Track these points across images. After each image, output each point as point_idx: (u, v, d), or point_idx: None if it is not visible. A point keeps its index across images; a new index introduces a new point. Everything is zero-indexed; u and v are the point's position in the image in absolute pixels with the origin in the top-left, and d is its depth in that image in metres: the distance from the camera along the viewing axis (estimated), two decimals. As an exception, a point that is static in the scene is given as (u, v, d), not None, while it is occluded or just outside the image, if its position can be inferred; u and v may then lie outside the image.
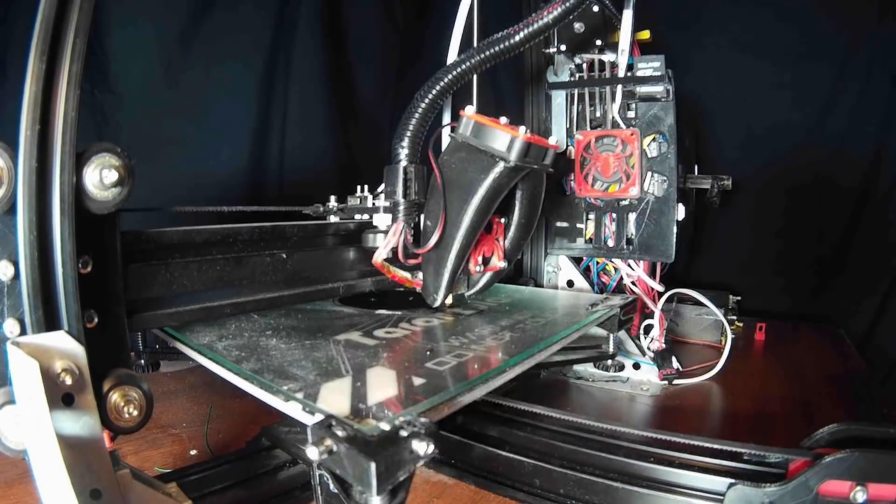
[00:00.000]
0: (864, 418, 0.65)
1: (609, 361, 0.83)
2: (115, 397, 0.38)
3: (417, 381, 0.41)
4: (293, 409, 0.37)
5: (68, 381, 0.33)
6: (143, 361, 0.62)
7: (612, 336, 0.75)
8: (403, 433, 0.31)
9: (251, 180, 1.13)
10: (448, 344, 0.52)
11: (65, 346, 0.35)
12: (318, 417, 0.34)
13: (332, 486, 0.46)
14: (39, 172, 0.35)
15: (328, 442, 0.31)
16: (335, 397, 0.38)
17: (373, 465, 0.29)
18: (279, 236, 0.59)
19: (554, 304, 0.75)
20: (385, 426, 0.32)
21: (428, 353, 0.49)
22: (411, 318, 0.61)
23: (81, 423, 0.34)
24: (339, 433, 0.31)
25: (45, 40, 0.35)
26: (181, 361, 0.81)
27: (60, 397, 0.33)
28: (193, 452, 0.60)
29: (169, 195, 0.94)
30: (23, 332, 0.35)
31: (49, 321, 0.35)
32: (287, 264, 0.60)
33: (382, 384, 0.41)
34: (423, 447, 0.30)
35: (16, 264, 0.35)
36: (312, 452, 0.31)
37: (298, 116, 1.18)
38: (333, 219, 0.67)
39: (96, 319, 0.39)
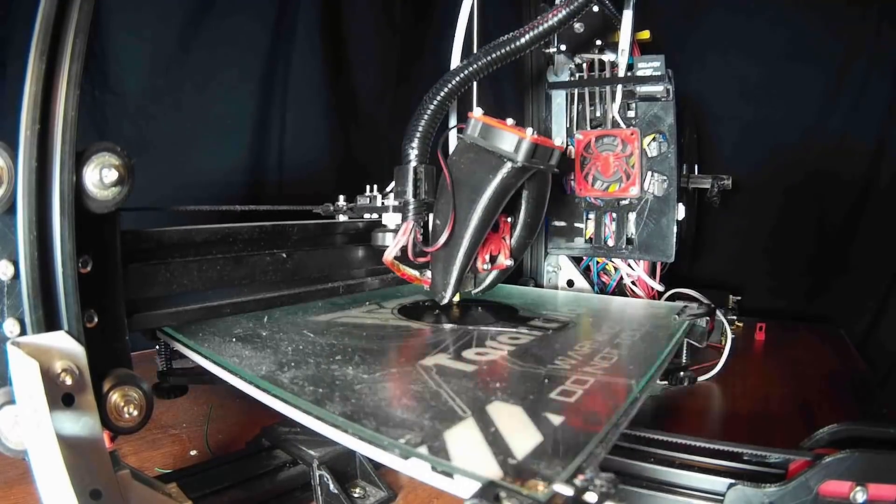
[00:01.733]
0: (864, 418, 0.65)
1: (681, 373, 0.75)
2: (115, 397, 0.38)
3: (555, 419, 0.35)
4: (417, 470, 0.30)
5: (68, 381, 0.33)
6: (167, 385, 0.57)
7: (684, 345, 0.70)
8: (591, 498, 0.26)
9: (251, 180, 1.13)
10: (557, 367, 0.46)
11: (65, 346, 0.35)
12: (463, 482, 0.28)
13: (332, 487, 0.46)
14: (39, 172, 0.35)
15: None
16: (469, 450, 0.30)
17: None
18: (279, 235, 0.59)
19: (632, 314, 0.71)
20: (565, 489, 0.26)
21: (546, 381, 0.43)
22: (489, 332, 0.56)
23: (81, 423, 0.34)
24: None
25: (45, 40, 0.35)
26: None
27: (60, 397, 0.33)
28: (193, 453, 0.60)
29: (168, 195, 0.94)
30: (23, 331, 0.35)
31: (49, 321, 0.35)
32: (287, 263, 0.60)
33: (517, 427, 0.33)
34: None
35: (16, 264, 0.35)
36: None
37: (298, 117, 1.18)
38: (343, 218, 0.68)
39: (96, 319, 0.39)
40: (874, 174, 1.17)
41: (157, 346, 0.58)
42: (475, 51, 0.67)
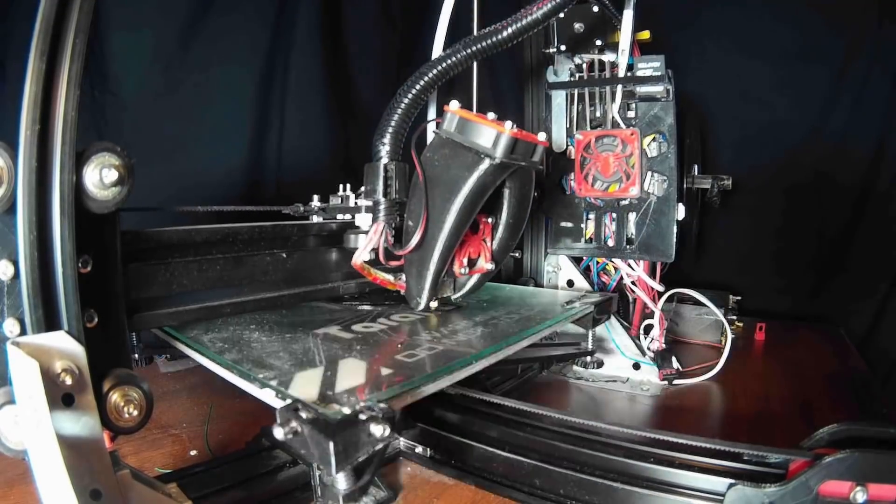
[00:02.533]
0: (864, 418, 0.65)
1: (588, 358, 0.84)
2: (115, 397, 0.38)
3: (385, 371, 0.43)
4: (267, 396, 0.39)
5: (68, 381, 0.33)
6: (136, 356, 0.63)
7: (589, 333, 0.78)
8: (362, 416, 0.33)
9: (250, 180, 1.13)
10: (421, 338, 0.52)
11: (65, 346, 0.35)
12: (286, 402, 0.36)
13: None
14: (39, 172, 0.35)
15: (293, 423, 0.33)
16: (306, 385, 0.39)
17: (331, 445, 0.31)
18: (279, 236, 0.58)
19: (531, 302, 0.74)
20: (346, 410, 0.34)
21: (399, 346, 0.49)
22: (391, 313, 0.61)
23: (81, 423, 0.34)
24: (304, 416, 0.33)
25: (45, 40, 0.35)
26: (181, 361, 0.81)
27: (60, 397, 0.33)
28: (193, 453, 0.60)
29: (168, 195, 0.94)
30: (23, 331, 0.35)
31: (49, 321, 0.35)
32: (287, 264, 0.60)
33: (352, 374, 0.42)
34: (379, 430, 0.33)
35: (16, 264, 0.35)
36: (278, 433, 0.33)
37: (297, 116, 1.18)
38: (316, 219, 0.65)
39: (96, 319, 0.39)
40: (874, 174, 1.17)
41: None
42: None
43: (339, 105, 1.26)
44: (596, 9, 0.78)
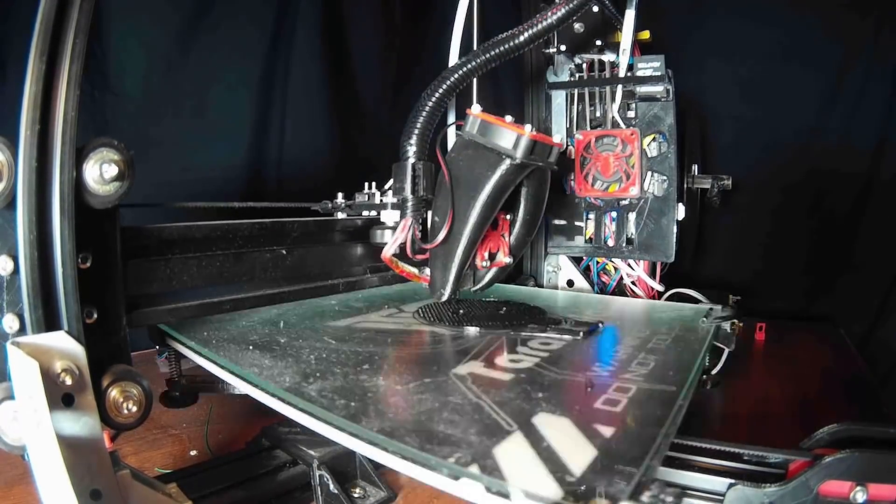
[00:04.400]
0: (864, 418, 0.65)
1: (704, 376, 0.76)
2: (114, 393, 0.38)
3: (604, 430, 0.34)
4: (469, 491, 0.28)
5: (68, 381, 0.33)
6: (177, 393, 0.57)
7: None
8: None
9: (251, 179, 1.13)
10: (599, 375, 0.45)
11: (65, 346, 0.35)
12: (524, 502, 0.27)
13: (332, 487, 0.46)
14: (39, 172, 0.35)
15: None
16: (524, 468, 0.28)
17: None
18: (279, 232, 0.59)
19: (655, 317, 0.70)
20: None
21: (589, 389, 0.41)
22: (517, 337, 0.55)
23: (81, 423, 0.34)
24: None
25: (45, 40, 0.35)
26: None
27: (60, 397, 0.33)
28: (193, 453, 0.60)
29: (168, 195, 0.94)
30: (22, 327, 0.35)
31: (49, 321, 0.36)
32: (287, 260, 0.60)
33: (568, 441, 0.32)
34: None
35: (15, 259, 0.35)
36: None
37: (298, 117, 1.18)
38: (341, 215, 0.67)
39: (95, 315, 0.39)
40: (874, 174, 1.17)
41: (158, 348, 0.58)
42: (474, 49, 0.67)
43: (340, 105, 1.26)
44: (596, 9, 0.78)
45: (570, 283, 0.93)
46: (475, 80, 0.72)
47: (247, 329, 0.57)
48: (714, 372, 0.81)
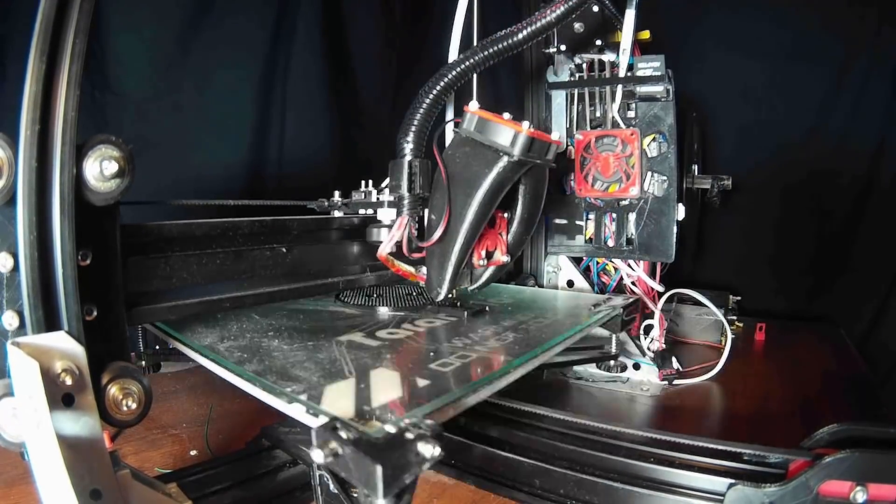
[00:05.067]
0: (864, 418, 0.65)
1: (612, 362, 0.83)
2: (113, 390, 0.38)
3: (422, 382, 0.41)
4: (297, 412, 0.36)
5: (68, 381, 0.33)
6: (143, 363, 0.61)
7: (614, 337, 0.75)
8: (409, 435, 0.31)
9: (251, 178, 1.13)
10: (451, 345, 0.51)
11: (65, 346, 0.35)
12: (323, 420, 0.34)
13: (332, 487, 0.46)
14: (39, 172, 0.35)
15: (333, 444, 0.30)
16: (339, 399, 0.37)
17: (379, 468, 0.28)
18: (279, 230, 0.59)
19: (556, 305, 0.74)
20: (391, 428, 0.32)
21: (431, 354, 0.48)
22: (414, 318, 0.61)
23: (81, 423, 0.34)
24: (344, 435, 0.31)
25: (45, 40, 0.35)
26: (181, 362, 0.81)
27: (60, 397, 0.33)
28: (193, 453, 0.60)
29: (168, 195, 0.94)
30: (21, 324, 0.35)
31: (49, 321, 0.35)
32: (287, 258, 0.60)
33: (386, 386, 0.40)
34: (429, 450, 0.30)
35: (15, 256, 0.35)
36: (317, 455, 0.30)
37: (298, 116, 1.18)
38: (337, 213, 0.67)
39: (95, 312, 0.39)
40: (874, 174, 1.18)
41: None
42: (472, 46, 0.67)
43: (340, 103, 1.26)
44: (596, 9, 0.78)
45: (570, 284, 0.93)
46: (475, 80, 0.72)
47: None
48: (713, 373, 0.82)
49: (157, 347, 0.63)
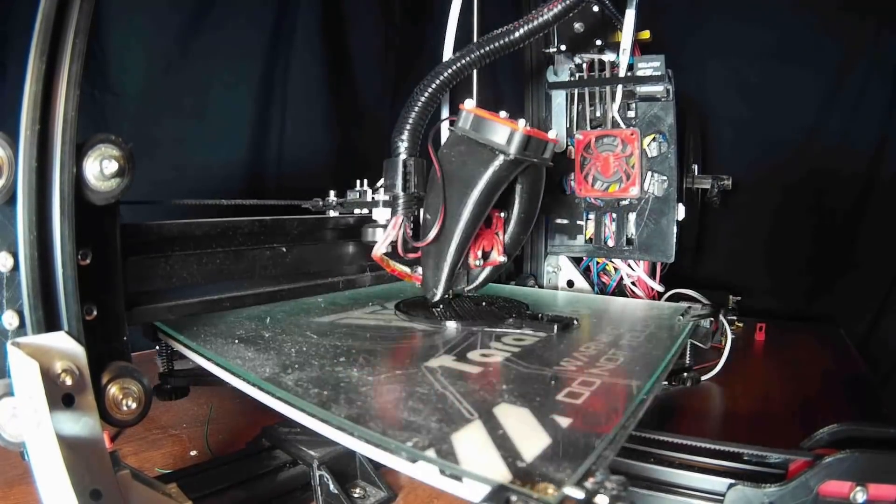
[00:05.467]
0: (864, 418, 0.65)
1: (685, 374, 0.77)
2: (113, 390, 0.38)
3: (563, 421, 0.35)
4: (427, 474, 0.29)
5: (68, 381, 0.33)
6: (168, 386, 0.58)
7: (688, 347, 0.70)
8: (602, 500, 0.26)
9: (251, 178, 1.13)
10: (564, 368, 0.46)
11: (65, 346, 0.35)
12: (473, 485, 0.28)
13: (332, 487, 0.46)
14: (40, 172, 0.35)
15: None
16: (479, 453, 0.30)
17: None
18: (279, 230, 0.59)
19: (634, 315, 0.70)
20: (576, 493, 0.26)
21: (552, 382, 0.43)
22: (497, 334, 0.57)
23: (81, 423, 0.34)
24: None
25: (45, 40, 0.35)
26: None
27: (60, 398, 0.33)
28: (193, 453, 0.59)
29: (168, 195, 0.94)
30: (21, 324, 0.35)
31: (49, 321, 0.36)
32: (287, 258, 0.60)
33: (525, 430, 0.33)
34: None
35: (15, 256, 0.35)
36: None
37: (298, 115, 1.18)
38: (333, 213, 0.67)
39: (95, 312, 0.39)
40: (874, 174, 1.17)
41: (158, 347, 0.58)
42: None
43: (340, 103, 1.26)
44: (596, 9, 0.78)
45: (570, 284, 0.93)
46: (475, 79, 0.72)
47: (234, 324, 0.58)
48: (713, 373, 0.81)
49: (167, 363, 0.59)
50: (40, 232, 0.35)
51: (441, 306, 0.65)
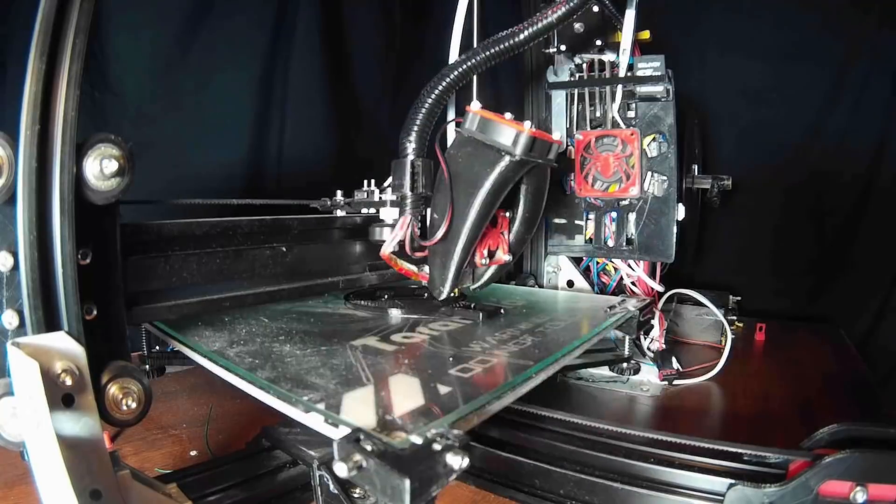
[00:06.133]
0: (864, 418, 0.65)
1: (624, 364, 0.82)
2: (113, 390, 0.38)
3: (444, 389, 0.40)
4: (315, 422, 0.35)
5: (68, 381, 0.33)
6: (147, 366, 0.62)
7: (627, 339, 0.75)
8: (437, 447, 0.30)
9: (250, 178, 1.13)
10: (470, 349, 0.50)
11: (65, 346, 0.35)
12: (345, 431, 0.32)
13: (332, 487, 0.46)
14: (40, 172, 0.35)
15: (357, 457, 0.29)
16: (359, 408, 0.35)
17: (407, 482, 0.27)
18: (280, 229, 0.59)
19: (570, 307, 0.74)
20: (417, 439, 0.31)
21: (451, 359, 0.47)
22: (427, 321, 0.60)
23: (81, 423, 0.34)
24: (369, 447, 0.30)
25: (45, 40, 0.35)
26: (186, 364, 0.81)
27: (60, 398, 0.33)
28: (194, 453, 0.60)
29: (168, 194, 0.94)
30: (21, 324, 0.35)
31: (49, 321, 0.35)
32: (287, 258, 0.60)
33: (408, 393, 0.38)
34: (457, 461, 0.29)
35: (15, 255, 0.35)
36: (340, 469, 0.29)
37: (297, 115, 1.18)
38: (340, 213, 0.68)
39: (95, 312, 0.39)
40: (875, 174, 1.18)
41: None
42: (474, 47, 0.67)
43: (340, 103, 1.26)
44: (596, 9, 0.78)
45: (570, 284, 0.93)
46: (475, 79, 0.72)
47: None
48: (713, 373, 0.82)
49: (158, 348, 0.63)
50: (40, 232, 0.35)
51: (385, 296, 0.68)
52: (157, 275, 0.49)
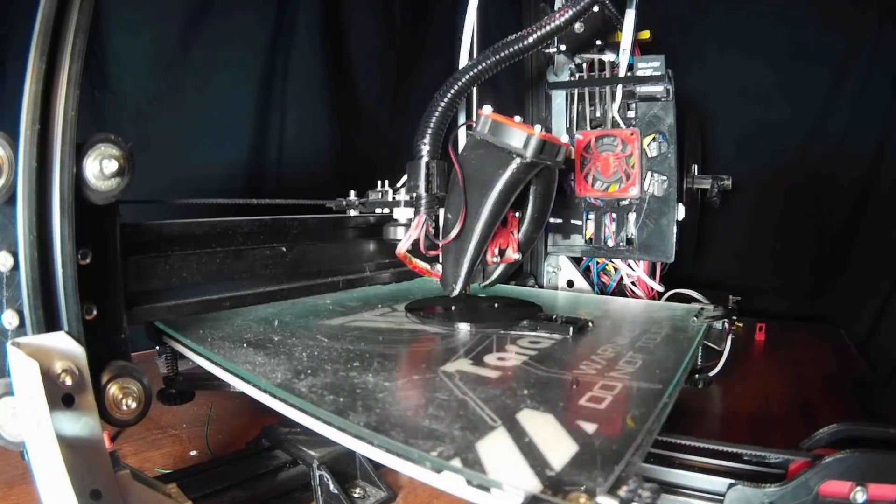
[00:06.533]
0: (864, 418, 0.65)
1: (696, 376, 0.75)
2: (113, 389, 0.38)
3: (588, 427, 0.34)
4: (451, 484, 0.28)
5: (68, 381, 0.33)
6: (173, 391, 0.58)
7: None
8: None
9: (251, 177, 1.13)
10: (583, 372, 0.46)
11: (65, 346, 0.35)
12: (499, 496, 0.27)
13: (332, 487, 0.46)
14: (40, 172, 0.35)
15: None
16: (506, 462, 0.29)
17: None
18: (279, 230, 0.59)
19: (649, 316, 0.70)
20: (609, 502, 0.25)
21: (574, 387, 0.42)
22: (513, 337, 0.57)
23: (81, 423, 0.34)
24: None
25: (45, 40, 0.35)
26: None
27: (60, 398, 0.33)
28: (193, 453, 0.59)
29: (168, 194, 0.94)
30: (21, 324, 0.35)
31: (49, 321, 0.36)
32: (287, 258, 0.60)
33: (551, 436, 0.32)
34: None
35: (15, 255, 0.35)
36: None
37: (298, 115, 1.18)
38: (353, 212, 0.69)
39: (95, 312, 0.39)
40: (875, 175, 1.17)
41: (158, 348, 0.58)
42: (475, 51, 0.68)
43: (340, 103, 1.26)
44: (596, 9, 0.78)
45: (570, 284, 0.93)
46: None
47: (241, 327, 0.58)
48: (713, 373, 0.81)
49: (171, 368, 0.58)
50: (40, 231, 0.35)
51: (453, 307, 0.67)
52: (156, 275, 0.49)
